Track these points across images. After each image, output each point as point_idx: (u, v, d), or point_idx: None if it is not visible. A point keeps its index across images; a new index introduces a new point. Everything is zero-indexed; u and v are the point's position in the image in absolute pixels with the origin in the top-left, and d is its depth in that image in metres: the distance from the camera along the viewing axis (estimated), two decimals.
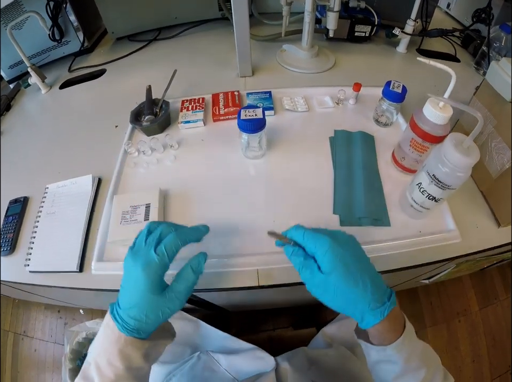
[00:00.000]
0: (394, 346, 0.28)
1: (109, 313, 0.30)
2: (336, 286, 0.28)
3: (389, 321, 0.28)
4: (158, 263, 0.29)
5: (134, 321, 0.28)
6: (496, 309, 1.02)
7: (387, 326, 0.28)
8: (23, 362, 1.01)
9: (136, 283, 0.28)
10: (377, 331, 0.29)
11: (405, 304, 1.02)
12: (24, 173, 0.61)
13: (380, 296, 0.28)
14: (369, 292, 0.27)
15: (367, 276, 0.28)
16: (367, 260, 0.30)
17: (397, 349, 0.28)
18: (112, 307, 0.30)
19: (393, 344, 0.28)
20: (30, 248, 0.50)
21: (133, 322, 0.28)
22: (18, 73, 0.84)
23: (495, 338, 0.98)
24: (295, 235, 0.32)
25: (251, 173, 0.54)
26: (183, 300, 0.30)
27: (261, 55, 0.79)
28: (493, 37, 0.69)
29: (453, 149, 0.35)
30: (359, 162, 0.52)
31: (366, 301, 0.27)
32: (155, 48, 0.88)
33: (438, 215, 0.47)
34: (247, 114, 0.47)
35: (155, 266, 0.29)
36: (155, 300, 0.28)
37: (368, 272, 0.29)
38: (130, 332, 0.28)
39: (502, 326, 0.99)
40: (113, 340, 0.28)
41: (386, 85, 0.53)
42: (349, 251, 0.29)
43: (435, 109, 0.41)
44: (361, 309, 0.28)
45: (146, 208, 0.47)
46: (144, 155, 0.57)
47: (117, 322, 0.28)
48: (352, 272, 0.28)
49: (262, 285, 0.43)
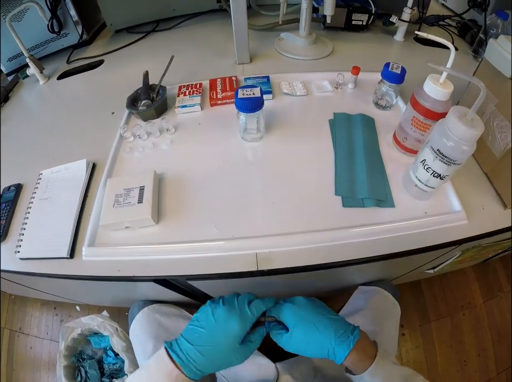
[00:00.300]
0: (368, 371, 0.31)
1: (165, 347, 0.32)
2: (302, 337, 0.32)
3: (357, 351, 0.32)
4: (250, 318, 0.32)
5: (204, 360, 0.30)
6: (501, 302, 1.01)
7: (357, 356, 0.32)
8: (18, 359, 0.99)
9: (227, 330, 0.31)
10: (351, 363, 0.32)
11: (408, 298, 1.01)
12: (19, 160, 0.60)
13: (345, 332, 0.32)
14: (332, 332, 0.32)
15: (327, 321, 0.33)
16: (327, 309, 0.36)
17: (371, 375, 0.31)
18: (171, 343, 0.32)
19: (367, 370, 0.31)
20: (21, 234, 0.48)
21: (202, 360, 0.30)
22: (17, 66, 0.84)
23: (499, 332, 0.96)
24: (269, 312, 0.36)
25: (249, 156, 0.53)
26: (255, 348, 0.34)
27: (259, 44, 0.78)
28: (490, 24, 0.69)
29: (458, 121, 0.34)
30: (360, 143, 0.51)
31: (332, 340, 0.32)
32: (153, 39, 0.88)
33: (444, 196, 0.46)
34: (245, 93, 0.46)
35: (249, 319, 0.32)
36: (237, 347, 0.31)
37: (328, 318, 0.33)
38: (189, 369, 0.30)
39: (507, 318, 0.98)
40: (165, 373, 0.30)
41: (385, 66, 0.52)
42: (307, 308, 0.34)
43: (436, 84, 0.40)
44: (331, 348, 0.32)
45: (140, 190, 0.45)
46: (139, 140, 0.56)
47: (177, 357, 0.30)
48: (312, 322, 0.32)
49: (262, 270, 0.41)
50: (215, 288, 0.62)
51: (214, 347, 0.31)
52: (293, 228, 0.43)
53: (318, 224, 0.43)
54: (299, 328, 0.33)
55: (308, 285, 0.68)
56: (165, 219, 0.46)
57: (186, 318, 0.58)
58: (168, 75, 0.62)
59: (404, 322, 0.97)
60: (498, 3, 0.71)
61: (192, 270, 0.42)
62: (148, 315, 0.57)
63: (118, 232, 0.45)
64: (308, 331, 0.32)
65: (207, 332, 0.31)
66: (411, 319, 0.98)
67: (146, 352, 0.52)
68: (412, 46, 0.78)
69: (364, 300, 0.58)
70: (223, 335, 0.31)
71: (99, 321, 0.82)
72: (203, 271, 0.42)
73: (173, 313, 0.58)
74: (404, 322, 0.97)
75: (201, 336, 0.31)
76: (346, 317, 0.53)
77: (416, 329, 0.97)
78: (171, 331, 0.54)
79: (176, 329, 0.55)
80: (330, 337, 0.32)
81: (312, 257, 0.41)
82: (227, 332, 0.31)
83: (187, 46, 0.81)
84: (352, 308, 0.58)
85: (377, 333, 0.51)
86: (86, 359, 0.87)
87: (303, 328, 0.33)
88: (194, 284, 0.55)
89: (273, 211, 0.45)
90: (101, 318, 0.83)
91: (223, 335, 0.31)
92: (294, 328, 0.33)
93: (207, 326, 0.31)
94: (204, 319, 0.32)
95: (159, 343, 0.52)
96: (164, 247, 0.43)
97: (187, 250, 0.43)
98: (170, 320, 0.56)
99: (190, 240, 0.43)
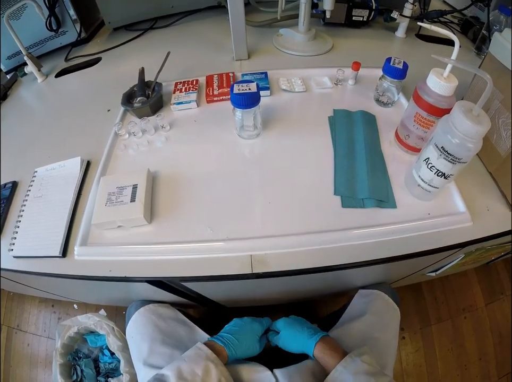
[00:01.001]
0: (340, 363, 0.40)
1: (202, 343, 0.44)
2: (287, 336, 0.47)
3: (323, 343, 0.43)
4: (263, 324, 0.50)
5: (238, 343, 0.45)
6: (503, 305, 0.99)
7: (324, 346, 0.43)
8: (15, 356, 0.99)
9: (252, 328, 0.48)
10: (320, 353, 0.43)
11: (409, 301, 0.99)
12: (15, 158, 0.60)
13: (314, 333, 0.45)
14: (306, 333, 0.46)
15: (304, 327, 0.47)
16: (307, 322, 0.50)
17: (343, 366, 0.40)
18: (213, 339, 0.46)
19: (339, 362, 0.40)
20: (15, 232, 0.48)
21: (236, 343, 0.45)
22: (16, 64, 0.84)
23: (501, 335, 0.94)
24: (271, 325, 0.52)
25: (245, 154, 0.51)
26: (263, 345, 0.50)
27: (257, 41, 0.77)
28: (492, 20, 0.67)
29: (463, 116, 0.33)
30: (360, 141, 0.50)
31: (305, 337, 0.45)
32: (151, 36, 0.87)
33: (447, 197, 0.44)
34: (240, 88, 0.44)
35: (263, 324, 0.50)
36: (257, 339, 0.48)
37: (305, 326, 0.48)
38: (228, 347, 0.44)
39: (509, 322, 0.96)
40: (203, 357, 0.41)
41: (386, 61, 0.51)
42: (293, 319, 0.50)
43: (440, 79, 0.39)
44: (304, 342, 0.45)
45: (133, 189, 0.44)
46: (134, 137, 0.55)
47: (220, 341, 0.44)
48: (294, 327, 0.47)
49: (256, 273, 0.40)
50: (210, 290, 0.61)
51: (244, 336, 0.46)
52: (290, 229, 0.42)
53: (316, 225, 0.42)
54: (285, 330, 0.48)
55: (304, 287, 0.67)
56: (158, 219, 0.45)
57: (181, 322, 0.58)
58: (165, 71, 0.61)
59: (404, 325, 0.95)
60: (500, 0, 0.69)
61: (185, 272, 0.41)
62: (144, 316, 0.56)
63: (110, 231, 0.44)
64: (291, 332, 0.47)
65: (239, 329, 0.47)
66: (412, 322, 0.96)
67: (142, 353, 0.51)
68: (414, 43, 0.76)
69: (364, 305, 0.56)
70: (250, 330, 0.48)
71: (95, 320, 0.82)
72: (196, 273, 0.40)
73: (169, 315, 0.58)
74: (405, 325, 0.95)
75: (236, 331, 0.47)
76: (348, 323, 0.54)
77: (417, 332, 0.95)
78: (166, 333, 0.53)
79: (171, 332, 0.54)
80: (304, 335, 0.45)
81: (309, 260, 0.40)
82: (252, 329, 0.48)
83: (185, 43, 0.80)
84: (353, 313, 0.57)
85: (378, 339, 0.50)
86: (82, 358, 0.87)
87: (288, 330, 0.47)
88: (188, 285, 0.54)
89: (269, 212, 0.44)
90: (97, 317, 0.82)
91: (249, 330, 0.48)
92: (282, 330, 0.48)
93: (239, 325, 0.48)
94: (236, 323, 0.49)
95: (154, 345, 0.51)
96: (157, 248, 0.42)
97: (180, 251, 0.42)
98: (166, 323, 0.56)
99: (183, 241, 0.42)
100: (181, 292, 0.56)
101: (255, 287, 0.59)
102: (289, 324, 0.48)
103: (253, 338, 0.47)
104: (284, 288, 0.65)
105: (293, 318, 0.50)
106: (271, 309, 0.88)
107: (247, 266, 0.40)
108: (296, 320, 0.50)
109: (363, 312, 0.55)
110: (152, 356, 0.50)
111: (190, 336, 0.55)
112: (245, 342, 0.46)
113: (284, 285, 0.59)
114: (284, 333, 0.48)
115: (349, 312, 0.59)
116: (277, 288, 0.64)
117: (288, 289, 0.66)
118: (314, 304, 1.00)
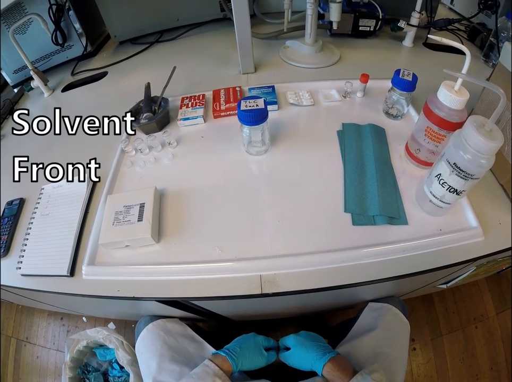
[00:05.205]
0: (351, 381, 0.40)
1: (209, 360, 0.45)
2: (297, 354, 0.47)
3: (332, 364, 0.43)
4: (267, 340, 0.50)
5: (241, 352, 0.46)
6: None
7: (332, 367, 0.42)
8: (24, 368, 0.99)
9: (255, 340, 0.49)
10: (328, 374, 0.42)
11: (420, 312, 0.97)
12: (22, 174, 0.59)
13: (324, 352, 0.45)
14: (315, 352, 0.45)
15: (315, 346, 0.46)
16: (318, 338, 0.49)
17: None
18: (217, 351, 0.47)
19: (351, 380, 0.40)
20: (22, 250, 0.48)
21: (240, 352, 0.46)
22: (22, 78, 0.86)
23: None
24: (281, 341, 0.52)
25: (254, 170, 0.51)
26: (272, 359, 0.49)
27: (264, 53, 0.77)
28: (500, 27, 0.66)
29: (476, 132, 0.32)
30: (370, 156, 0.49)
31: (314, 357, 0.45)
32: (157, 50, 0.88)
33: (459, 212, 0.43)
34: (248, 105, 0.44)
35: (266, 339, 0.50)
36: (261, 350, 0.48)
37: (316, 344, 0.47)
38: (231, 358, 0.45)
39: None
40: (210, 373, 0.42)
41: (395, 74, 0.50)
42: (304, 337, 0.48)
43: (451, 92, 0.38)
44: (313, 362, 0.44)
45: (140, 208, 0.44)
46: (141, 154, 0.55)
47: (224, 352, 0.45)
48: (305, 345, 0.47)
49: (266, 293, 0.39)
50: (219, 307, 0.61)
51: (246, 345, 0.47)
52: (300, 248, 0.41)
53: (327, 243, 0.41)
54: (296, 348, 0.47)
55: (314, 303, 0.66)
56: (166, 238, 0.45)
57: (190, 338, 0.57)
58: (171, 86, 0.61)
59: (415, 336, 0.94)
60: (508, 5, 0.69)
61: (194, 292, 0.40)
62: (153, 333, 0.56)
63: (118, 251, 0.44)
64: (301, 351, 0.46)
65: (243, 340, 0.49)
66: (423, 333, 0.94)
67: (151, 370, 0.51)
68: (422, 52, 0.75)
69: (374, 319, 0.56)
70: (253, 342, 0.49)
71: (104, 334, 0.81)
72: (204, 293, 0.40)
73: (178, 331, 0.57)
74: (416, 336, 0.94)
75: (240, 343, 0.48)
76: (357, 338, 0.53)
77: (428, 343, 0.93)
78: (175, 350, 0.53)
79: (180, 348, 0.54)
80: (313, 355, 0.45)
81: (320, 280, 0.39)
82: (255, 340, 0.49)
83: (191, 57, 0.81)
84: (363, 327, 0.56)
85: (389, 355, 0.49)
86: (91, 372, 0.86)
87: (299, 349, 0.47)
88: (197, 302, 0.54)
89: (278, 230, 0.43)
90: (106, 331, 0.81)
91: (252, 342, 0.49)
92: (293, 347, 0.48)
93: (243, 338, 0.50)
94: (241, 337, 0.50)
95: (163, 362, 0.51)
96: (165, 268, 0.42)
97: (189, 271, 0.41)
98: (175, 339, 0.55)
99: (191, 261, 0.42)
100: (191, 308, 0.56)
101: (265, 303, 0.58)
102: (299, 342, 0.48)
103: (256, 349, 0.48)
104: (294, 304, 0.64)
105: (303, 336, 0.49)
106: (281, 321, 0.87)
107: (257, 286, 0.39)
108: (305, 338, 0.48)
109: (373, 327, 0.54)
110: (161, 373, 0.49)
111: (199, 352, 0.55)
112: (248, 351, 0.46)
113: (294, 301, 0.59)
114: (293, 352, 0.47)
115: (359, 325, 0.58)
116: (287, 304, 0.63)
117: (297, 305, 0.65)
118: (323, 314, 0.99)
